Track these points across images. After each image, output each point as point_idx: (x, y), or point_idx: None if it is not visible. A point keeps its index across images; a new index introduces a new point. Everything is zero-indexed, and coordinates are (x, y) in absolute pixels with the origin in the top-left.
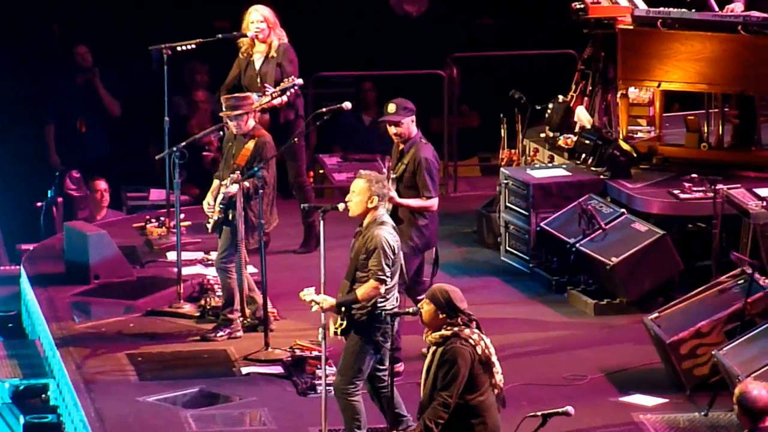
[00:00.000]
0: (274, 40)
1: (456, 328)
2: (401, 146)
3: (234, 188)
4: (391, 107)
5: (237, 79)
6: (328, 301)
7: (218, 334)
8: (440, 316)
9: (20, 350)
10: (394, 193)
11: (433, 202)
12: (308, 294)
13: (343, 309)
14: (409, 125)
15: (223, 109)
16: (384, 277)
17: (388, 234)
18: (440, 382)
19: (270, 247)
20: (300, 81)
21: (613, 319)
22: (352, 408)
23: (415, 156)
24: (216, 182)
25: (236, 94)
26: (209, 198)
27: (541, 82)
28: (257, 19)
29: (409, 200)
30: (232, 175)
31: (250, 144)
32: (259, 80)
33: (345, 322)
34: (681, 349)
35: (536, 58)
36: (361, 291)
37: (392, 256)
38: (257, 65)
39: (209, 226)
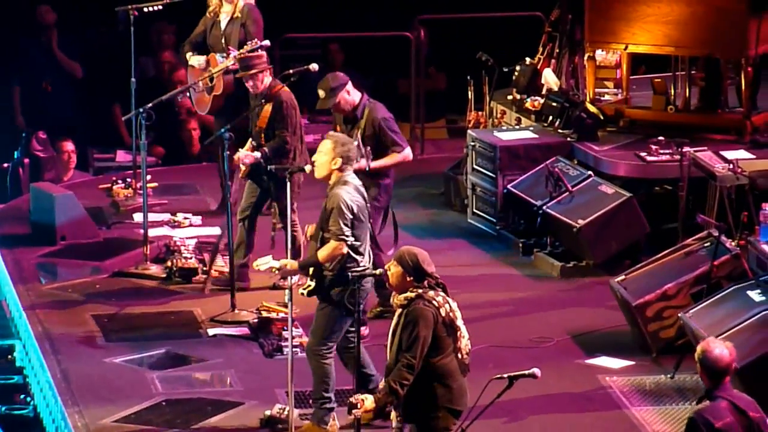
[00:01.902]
0: (240, 1)
1: (420, 290)
2: (351, 114)
3: (248, 160)
4: (321, 93)
5: (202, 36)
6: (291, 264)
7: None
8: (407, 278)
9: None
10: (366, 162)
11: (408, 152)
12: (263, 263)
13: (311, 270)
14: (346, 97)
15: (239, 69)
16: (344, 237)
17: (346, 193)
18: (404, 343)
19: (236, 209)
20: (267, 43)
21: (580, 282)
22: (322, 369)
23: (371, 119)
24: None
25: (249, 54)
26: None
27: (508, 44)
28: None
29: (385, 160)
30: (241, 153)
31: (269, 106)
32: (223, 40)
33: (313, 284)
34: (647, 312)
35: (504, 20)
36: (323, 252)
37: (350, 216)
38: (222, 25)
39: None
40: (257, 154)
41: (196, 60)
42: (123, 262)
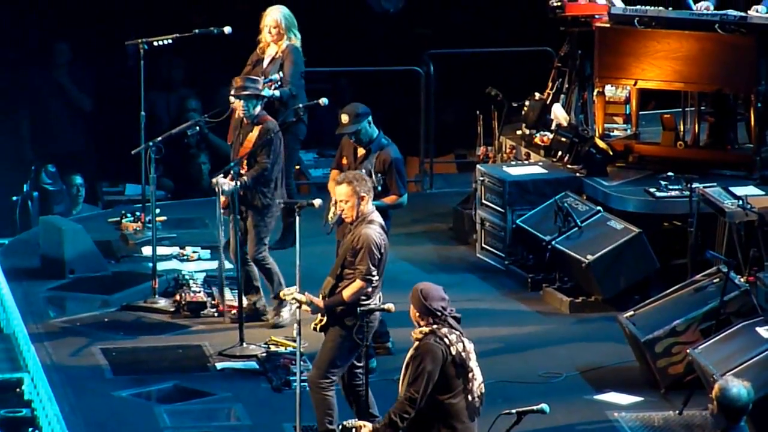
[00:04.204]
0: (284, 43)
1: (435, 326)
2: (363, 149)
3: (227, 188)
4: (344, 117)
5: (248, 74)
6: (315, 301)
7: (283, 316)
8: (416, 313)
9: None
10: None
11: (405, 199)
12: (289, 294)
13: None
14: (367, 128)
15: (233, 91)
16: (370, 277)
17: (376, 234)
18: (410, 377)
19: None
20: (276, 76)
21: (588, 317)
22: (325, 402)
23: (385, 157)
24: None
25: (248, 76)
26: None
27: (517, 79)
28: (270, 24)
29: (384, 199)
30: (220, 179)
31: (255, 132)
32: (262, 78)
33: (325, 319)
34: (656, 348)
35: (513, 55)
36: (347, 292)
37: (378, 256)
38: (265, 63)
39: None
40: (236, 183)
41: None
42: (131, 296)
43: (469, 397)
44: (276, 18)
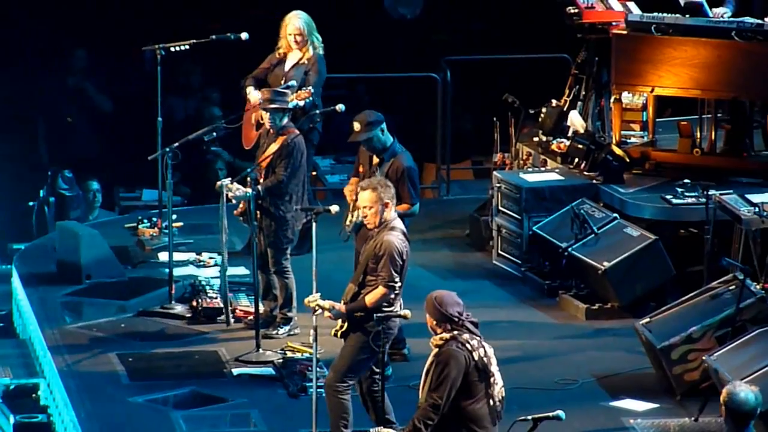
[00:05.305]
0: (309, 50)
1: (456, 332)
2: (377, 157)
3: (239, 194)
4: (356, 125)
5: (265, 73)
6: (338, 307)
7: (279, 332)
8: (433, 321)
9: (11, 350)
10: None
11: (417, 208)
12: (312, 301)
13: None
14: (379, 136)
15: (261, 102)
16: (393, 284)
17: (398, 240)
18: (433, 383)
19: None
20: (309, 89)
21: (605, 324)
22: (340, 406)
23: (398, 166)
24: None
25: (276, 88)
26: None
27: (534, 86)
28: (294, 32)
29: (396, 208)
30: (226, 183)
31: (277, 142)
32: (283, 81)
33: (346, 325)
34: (672, 355)
35: (530, 61)
36: (370, 298)
37: (401, 262)
38: (286, 67)
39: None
40: (248, 190)
41: (254, 96)
42: (148, 302)
43: (491, 402)
44: (298, 26)
